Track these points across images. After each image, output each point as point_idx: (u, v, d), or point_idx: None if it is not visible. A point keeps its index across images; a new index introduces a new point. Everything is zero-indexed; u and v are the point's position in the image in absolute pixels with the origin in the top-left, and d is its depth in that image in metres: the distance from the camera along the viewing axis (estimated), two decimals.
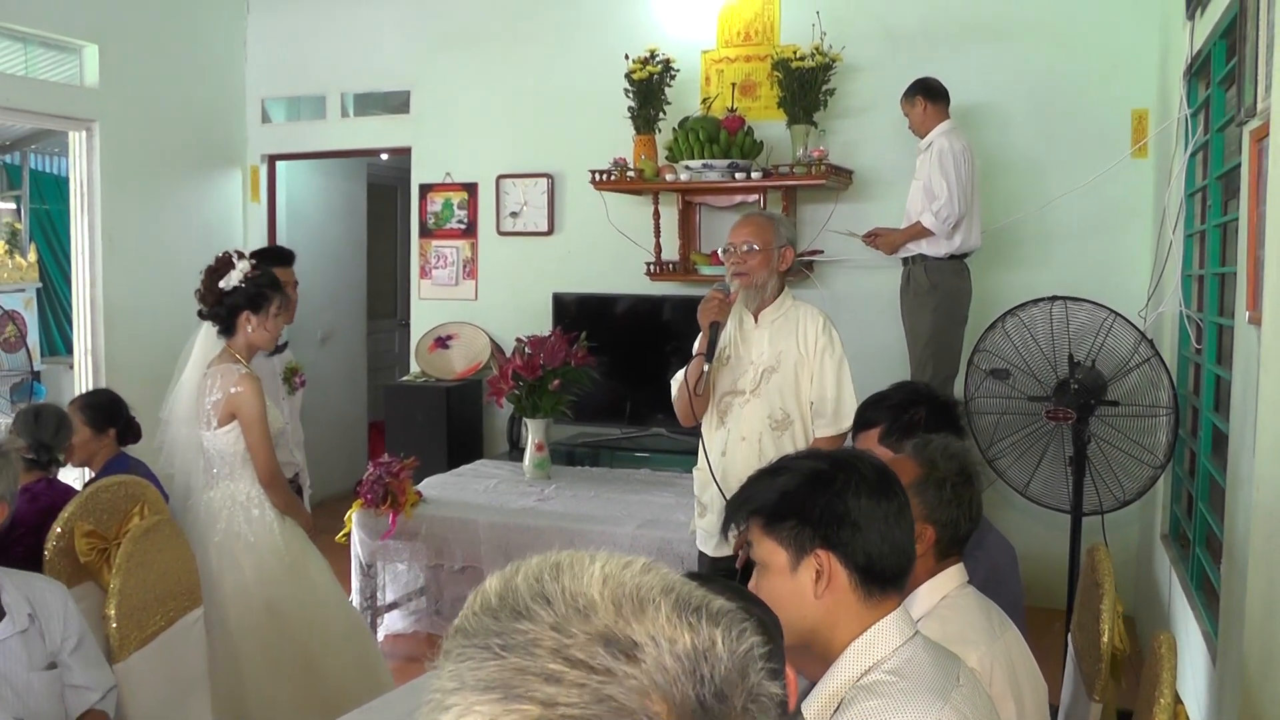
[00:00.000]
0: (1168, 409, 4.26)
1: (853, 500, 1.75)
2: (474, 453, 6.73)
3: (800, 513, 1.76)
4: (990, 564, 2.65)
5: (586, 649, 0.71)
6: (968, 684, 1.72)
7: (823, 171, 5.68)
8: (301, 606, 3.87)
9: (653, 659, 0.71)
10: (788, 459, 1.94)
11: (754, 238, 3.64)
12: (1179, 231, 4.64)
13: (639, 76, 6.11)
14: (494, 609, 0.75)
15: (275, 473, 3.84)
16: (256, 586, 3.78)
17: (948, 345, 5.31)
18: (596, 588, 0.75)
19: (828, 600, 1.74)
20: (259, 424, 3.75)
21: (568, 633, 0.72)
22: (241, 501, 3.82)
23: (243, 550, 3.79)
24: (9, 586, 2.51)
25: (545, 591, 0.75)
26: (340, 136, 7.53)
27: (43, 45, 6.50)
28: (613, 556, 0.79)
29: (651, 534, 4.77)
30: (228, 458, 3.80)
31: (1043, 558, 5.05)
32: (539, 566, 0.78)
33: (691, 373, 3.58)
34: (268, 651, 3.78)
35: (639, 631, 0.73)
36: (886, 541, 1.75)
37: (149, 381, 5.87)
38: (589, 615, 0.73)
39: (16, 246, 9.34)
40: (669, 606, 0.75)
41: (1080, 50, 5.76)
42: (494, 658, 0.71)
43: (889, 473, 1.84)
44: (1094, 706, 2.52)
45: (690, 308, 6.07)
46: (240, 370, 3.78)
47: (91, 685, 2.64)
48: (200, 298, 3.90)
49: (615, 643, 0.72)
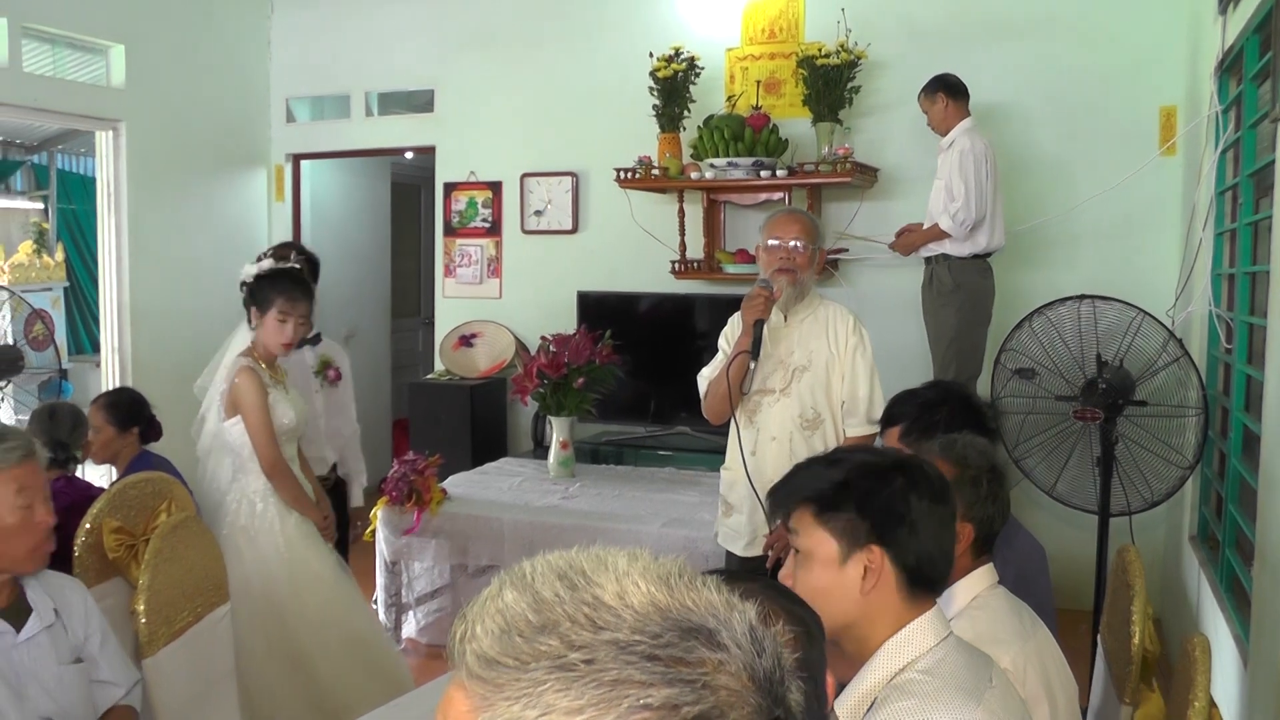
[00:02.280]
0: (1197, 409, 4.23)
1: (915, 500, 1.74)
2: (498, 451, 6.74)
3: (860, 505, 1.75)
4: (1020, 564, 2.63)
5: (675, 645, 0.71)
6: (1000, 685, 1.71)
7: (848, 169, 5.66)
8: (303, 605, 3.85)
9: (731, 640, 0.72)
10: (844, 451, 1.92)
11: (802, 235, 3.61)
12: (1209, 230, 4.60)
13: (663, 74, 6.10)
14: (539, 625, 0.72)
15: (276, 464, 3.83)
16: (257, 582, 3.78)
17: (971, 345, 5.28)
18: (640, 580, 0.74)
19: (872, 598, 1.73)
20: (255, 414, 3.75)
21: (648, 632, 0.71)
22: (249, 495, 3.84)
23: (245, 544, 3.80)
24: (32, 583, 2.51)
25: (595, 596, 0.73)
26: (364, 136, 7.55)
27: (70, 46, 6.53)
28: (611, 550, 0.78)
29: (677, 533, 4.76)
30: (239, 450, 3.83)
31: (1069, 559, 5.01)
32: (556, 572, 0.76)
33: (735, 370, 3.52)
34: (269, 648, 3.78)
35: (708, 617, 0.73)
36: (937, 546, 1.74)
37: (175, 380, 5.89)
38: (652, 610, 0.72)
39: (44, 246, 9.40)
40: (712, 588, 0.76)
41: (1106, 47, 5.72)
42: (577, 675, 0.69)
43: (945, 479, 1.83)
44: (1124, 709, 2.50)
45: (715, 306, 6.13)
46: (245, 362, 3.81)
47: (117, 680, 2.64)
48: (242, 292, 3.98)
49: (696, 632, 0.72)
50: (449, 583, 5.38)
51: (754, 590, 1.37)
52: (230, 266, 7.19)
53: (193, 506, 3.67)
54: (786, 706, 0.74)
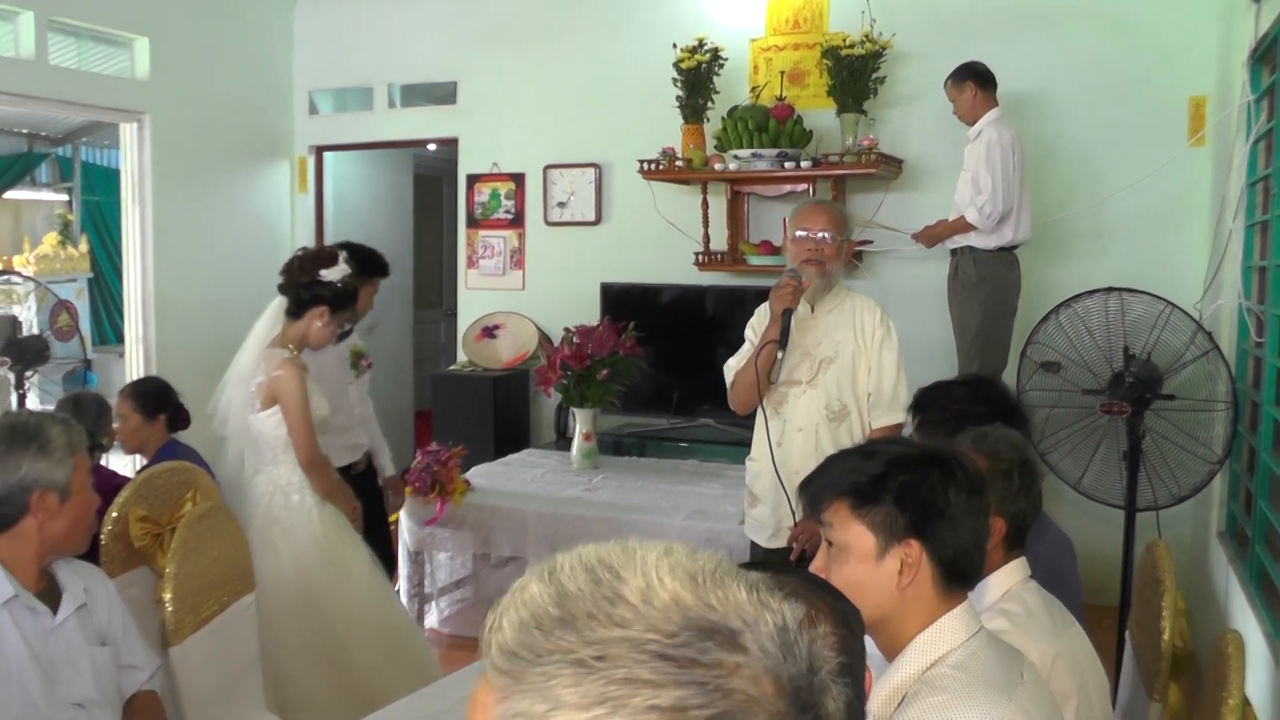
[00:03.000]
0: (1226, 403, 4.19)
1: (953, 494, 1.72)
2: (521, 442, 6.74)
3: (898, 498, 1.73)
4: (1050, 560, 2.60)
5: (690, 645, 0.68)
6: (1032, 681, 1.69)
7: (873, 160, 5.62)
8: (338, 596, 3.85)
9: (755, 643, 0.70)
10: (879, 443, 1.91)
11: (832, 227, 3.57)
12: (1239, 222, 4.55)
13: (687, 65, 6.08)
14: (558, 619, 0.71)
15: (315, 457, 3.83)
16: (292, 573, 3.77)
17: (996, 338, 5.24)
18: (667, 577, 0.72)
19: (908, 592, 1.71)
20: (299, 408, 3.74)
21: (664, 630, 0.69)
22: (282, 486, 3.82)
23: (280, 536, 3.79)
24: (60, 566, 2.52)
25: (616, 591, 0.72)
26: (387, 127, 7.55)
27: (95, 39, 6.55)
28: (646, 544, 0.76)
29: (700, 525, 4.75)
30: (271, 442, 3.81)
31: (1095, 554, 4.97)
32: (584, 565, 0.75)
33: (764, 360, 3.50)
34: (303, 639, 3.78)
35: (732, 617, 0.71)
36: (973, 539, 1.73)
37: (199, 370, 5.91)
38: (673, 608, 0.70)
39: (69, 237, 9.46)
40: (744, 587, 0.73)
41: (1135, 36, 5.67)
42: (588, 671, 0.68)
43: (980, 472, 1.81)
44: (1154, 706, 2.48)
45: (738, 298, 6.11)
46: (284, 354, 3.78)
47: (141, 664, 2.65)
48: (290, 273, 3.90)
49: (715, 633, 0.69)
50: (472, 573, 5.39)
51: (795, 584, 1.36)
52: (253, 258, 7.31)
53: (219, 495, 3.68)
54: (818, 715, 0.72)
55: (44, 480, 2.36)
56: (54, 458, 2.37)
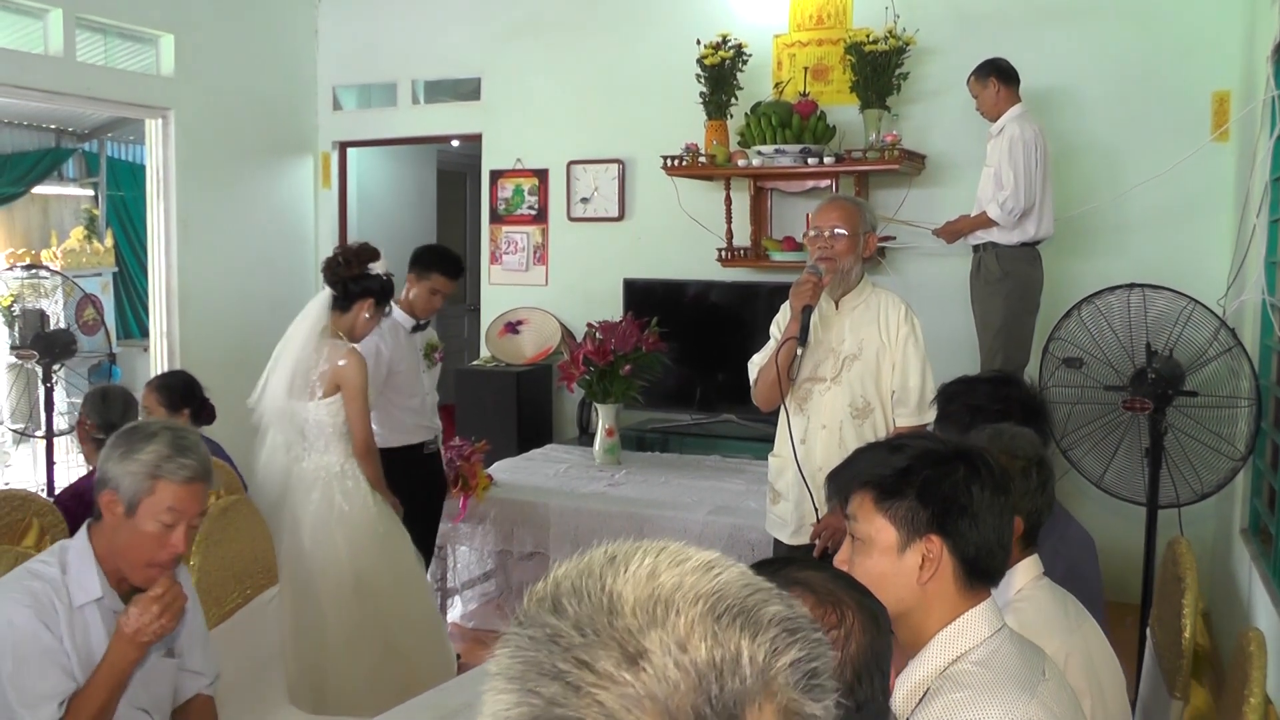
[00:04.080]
0: (1249, 399, 4.18)
1: (977, 490, 1.72)
2: (544, 437, 6.76)
3: (921, 493, 1.73)
4: (1071, 557, 2.61)
5: (594, 650, 0.70)
6: (1053, 678, 1.70)
7: (896, 156, 5.62)
8: (387, 582, 3.96)
9: (656, 668, 0.69)
10: (906, 438, 1.91)
11: (842, 222, 3.56)
12: (1263, 217, 4.52)
13: (711, 61, 6.08)
14: (541, 598, 0.75)
15: (371, 445, 3.97)
16: (348, 559, 3.88)
17: (1019, 334, 5.23)
18: (633, 586, 0.73)
19: (929, 587, 1.72)
20: (359, 397, 3.89)
21: (584, 632, 0.71)
22: (336, 473, 3.92)
23: (336, 522, 3.89)
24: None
25: (584, 587, 0.74)
26: (411, 123, 7.58)
27: (121, 36, 6.61)
28: (680, 552, 0.77)
29: (723, 520, 4.76)
30: (325, 429, 3.91)
31: (1116, 551, 4.95)
32: (600, 557, 0.77)
33: (784, 356, 3.50)
34: (352, 626, 3.86)
35: (652, 638, 0.70)
36: (997, 537, 1.73)
37: (222, 365, 5.97)
38: (614, 616, 0.72)
39: (94, 232, 9.51)
40: (699, 613, 0.72)
41: (1158, 31, 5.64)
42: (525, 648, 0.72)
43: (1005, 470, 1.81)
44: (1174, 704, 2.48)
45: (761, 294, 6.12)
46: (347, 346, 3.93)
47: (203, 670, 2.63)
48: (335, 266, 4.05)
49: (625, 647, 0.70)
50: (494, 568, 5.41)
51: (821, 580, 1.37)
52: (276, 253, 7.36)
53: (241, 490, 3.71)
54: None
55: (113, 481, 2.34)
56: (131, 466, 2.33)
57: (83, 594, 2.33)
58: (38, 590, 2.29)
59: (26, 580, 2.31)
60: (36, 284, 8.07)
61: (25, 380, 7.12)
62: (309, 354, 3.91)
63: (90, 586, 2.34)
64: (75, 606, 2.32)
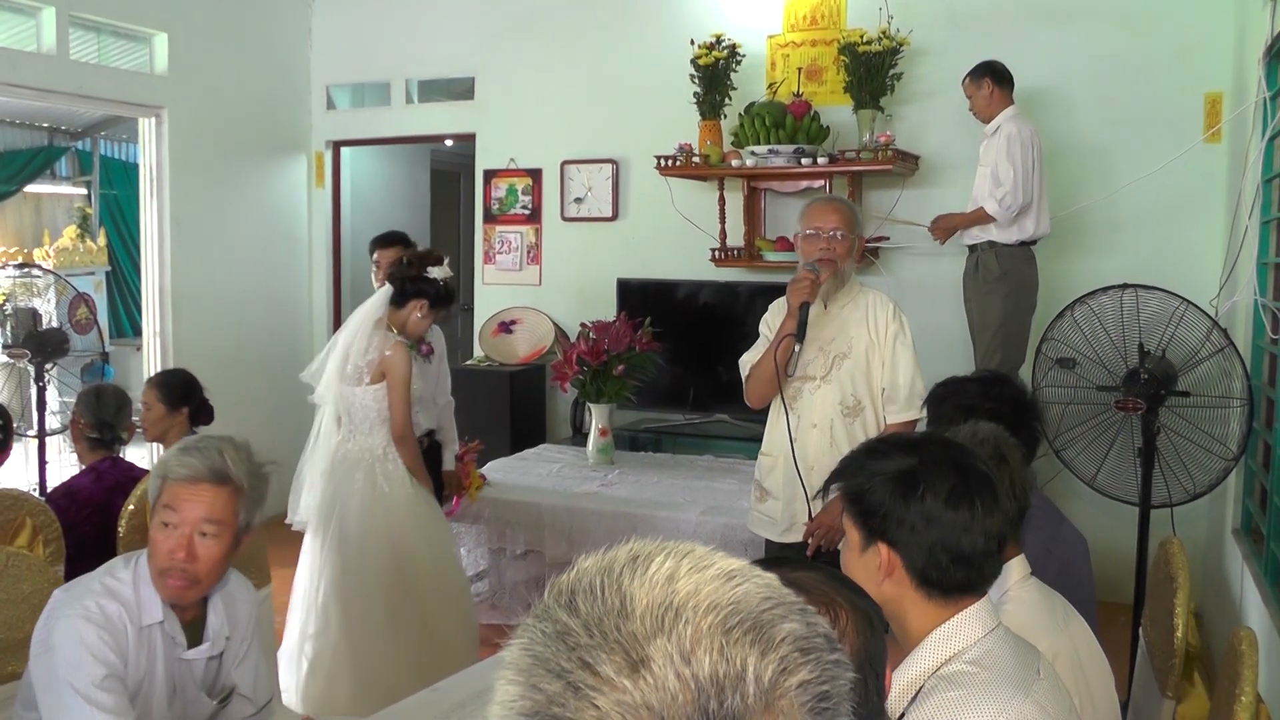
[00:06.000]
0: (1241, 400, 4.19)
1: (915, 505, 1.73)
2: (537, 437, 6.77)
3: (865, 500, 1.79)
4: (1064, 556, 2.61)
5: (599, 653, 0.69)
6: (1048, 677, 1.71)
7: (889, 157, 5.63)
8: (427, 564, 4.22)
9: (657, 677, 0.68)
10: (886, 441, 1.93)
11: (843, 225, 3.57)
12: (1255, 218, 4.55)
13: (705, 62, 6.08)
14: (559, 591, 0.75)
15: (408, 431, 4.22)
16: (390, 540, 4.12)
17: (1017, 334, 5.24)
18: (647, 590, 0.72)
19: (890, 589, 1.75)
20: (402, 385, 4.15)
21: (592, 633, 0.70)
22: (379, 456, 4.19)
23: (376, 500, 4.14)
24: (216, 604, 2.42)
25: (601, 585, 0.73)
26: (405, 123, 7.58)
27: (114, 34, 6.59)
28: (705, 557, 0.75)
29: (715, 520, 4.77)
30: (369, 413, 4.18)
31: (1109, 550, 4.97)
32: (623, 555, 0.76)
33: (781, 353, 3.51)
34: (394, 604, 4.10)
35: (657, 646, 0.69)
36: (948, 551, 1.72)
37: (215, 363, 5.98)
38: (623, 619, 0.71)
39: (87, 231, 9.51)
40: (710, 624, 0.70)
41: (1150, 32, 5.66)
42: (536, 642, 0.72)
43: (974, 482, 1.76)
44: (1166, 703, 2.49)
45: (755, 294, 6.12)
46: (396, 338, 4.22)
47: (253, 697, 2.52)
48: (399, 266, 4.37)
49: (629, 653, 0.69)
50: (488, 567, 5.42)
51: (815, 580, 1.38)
52: (270, 252, 7.35)
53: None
54: None
55: (151, 485, 2.34)
56: (156, 470, 2.33)
57: (148, 615, 2.30)
58: (112, 614, 2.24)
59: (103, 599, 2.25)
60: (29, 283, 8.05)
61: (17, 379, 7.11)
62: (362, 342, 4.20)
63: (153, 609, 2.30)
64: (144, 625, 2.29)
